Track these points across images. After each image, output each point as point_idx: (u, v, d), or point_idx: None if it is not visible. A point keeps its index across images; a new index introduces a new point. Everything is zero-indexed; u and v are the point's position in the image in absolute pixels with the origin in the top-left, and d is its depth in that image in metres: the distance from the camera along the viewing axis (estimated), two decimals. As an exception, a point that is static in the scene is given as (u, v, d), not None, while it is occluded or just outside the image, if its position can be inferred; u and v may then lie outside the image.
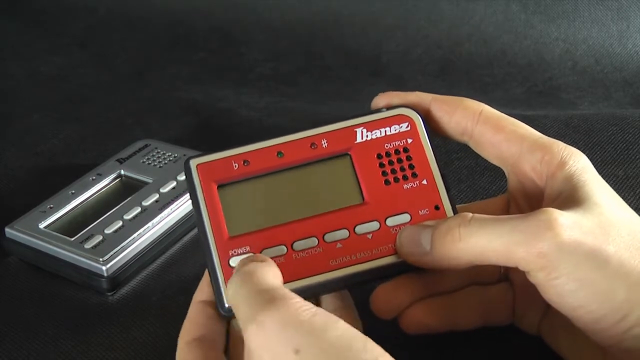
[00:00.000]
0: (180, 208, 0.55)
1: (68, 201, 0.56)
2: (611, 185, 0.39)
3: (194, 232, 0.56)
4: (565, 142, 0.39)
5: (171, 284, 0.52)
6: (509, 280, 0.43)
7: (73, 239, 0.52)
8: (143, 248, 0.53)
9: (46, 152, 0.69)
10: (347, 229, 0.40)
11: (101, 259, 0.50)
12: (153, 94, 0.80)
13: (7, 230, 0.54)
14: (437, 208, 0.40)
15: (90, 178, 0.59)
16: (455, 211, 0.40)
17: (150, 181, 0.58)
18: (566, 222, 0.34)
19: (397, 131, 0.41)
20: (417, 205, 0.40)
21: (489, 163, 0.42)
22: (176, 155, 0.61)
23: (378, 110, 0.42)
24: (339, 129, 0.41)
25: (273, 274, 0.35)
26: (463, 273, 0.42)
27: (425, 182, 0.40)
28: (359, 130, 0.41)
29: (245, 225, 0.39)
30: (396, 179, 0.41)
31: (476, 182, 0.58)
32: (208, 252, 0.39)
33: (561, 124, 0.65)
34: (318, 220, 0.40)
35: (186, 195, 0.56)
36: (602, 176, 0.39)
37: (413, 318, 0.41)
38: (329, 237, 0.39)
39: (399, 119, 0.41)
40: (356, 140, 0.41)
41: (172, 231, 0.55)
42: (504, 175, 0.42)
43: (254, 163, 0.40)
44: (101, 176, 0.59)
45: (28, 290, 0.52)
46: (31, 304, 0.51)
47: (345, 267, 0.39)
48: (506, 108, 0.72)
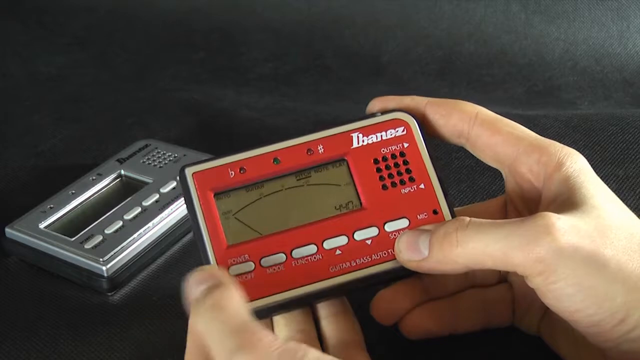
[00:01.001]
0: (180, 208, 0.55)
1: (68, 201, 0.56)
2: (611, 185, 0.39)
3: (194, 233, 0.56)
4: (565, 142, 0.39)
5: (171, 284, 0.52)
6: (508, 281, 0.43)
7: (73, 239, 0.52)
8: (143, 248, 0.53)
9: (46, 152, 0.69)
10: (346, 235, 0.39)
11: (101, 259, 0.51)
12: (153, 94, 0.80)
13: (7, 230, 0.54)
14: (436, 212, 0.40)
15: (90, 178, 0.59)
16: (453, 214, 0.40)
17: (150, 181, 0.58)
18: (564, 227, 0.34)
19: (393, 135, 0.41)
20: (415, 209, 0.40)
21: (489, 163, 0.42)
22: (176, 155, 0.61)
23: (373, 114, 0.42)
24: (335, 134, 0.41)
25: (237, 300, 0.34)
26: (462, 276, 0.42)
27: (422, 186, 0.40)
28: (355, 135, 0.41)
29: (243, 233, 0.39)
30: (393, 184, 0.40)
31: (476, 182, 0.58)
32: (207, 262, 0.39)
33: (561, 124, 0.65)
34: (316, 227, 0.39)
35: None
36: (602, 176, 0.39)
37: (414, 323, 0.41)
38: (328, 244, 0.39)
39: (395, 123, 0.41)
40: (352, 145, 0.41)
41: (173, 231, 0.55)
42: (504, 175, 0.42)
43: (250, 170, 0.40)
44: (101, 176, 0.59)
45: (28, 290, 0.52)
46: (31, 304, 0.51)
47: (344, 274, 0.39)
48: (506, 108, 0.72)
